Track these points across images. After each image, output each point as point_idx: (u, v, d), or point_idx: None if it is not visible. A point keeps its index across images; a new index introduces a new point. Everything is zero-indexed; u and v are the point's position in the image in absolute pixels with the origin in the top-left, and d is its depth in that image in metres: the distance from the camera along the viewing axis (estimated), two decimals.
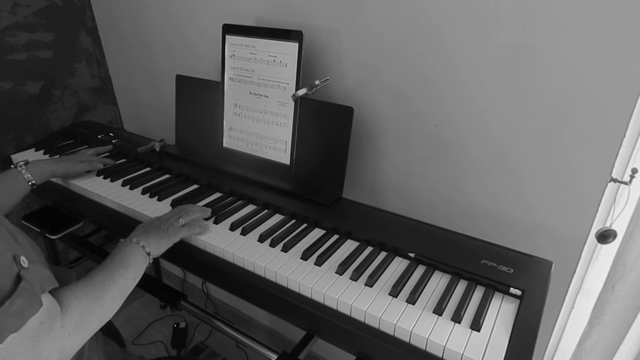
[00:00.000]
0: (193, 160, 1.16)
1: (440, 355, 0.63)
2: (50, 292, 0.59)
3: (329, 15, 0.98)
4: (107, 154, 1.21)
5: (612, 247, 0.86)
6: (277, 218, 0.94)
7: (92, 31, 1.53)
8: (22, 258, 0.54)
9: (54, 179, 1.12)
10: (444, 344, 0.63)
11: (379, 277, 0.76)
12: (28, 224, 1.12)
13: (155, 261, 1.85)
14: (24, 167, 0.96)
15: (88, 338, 0.64)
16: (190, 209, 0.89)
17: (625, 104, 0.72)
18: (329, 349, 1.52)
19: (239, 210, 0.96)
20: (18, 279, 0.52)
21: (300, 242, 0.86)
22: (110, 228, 0.98)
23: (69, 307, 0.61)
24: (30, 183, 0.95)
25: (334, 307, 0.72)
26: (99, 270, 0.70)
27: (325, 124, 0.98)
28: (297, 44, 0.97)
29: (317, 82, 0.97)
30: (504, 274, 0.75)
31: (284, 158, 1.06)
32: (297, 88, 0.99)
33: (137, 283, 0.74)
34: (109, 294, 0.67)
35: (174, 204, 0.98)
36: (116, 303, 0.69)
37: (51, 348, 0.56)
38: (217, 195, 1.03)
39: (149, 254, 0.77)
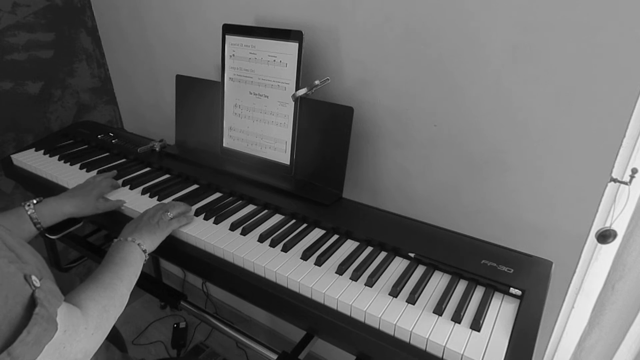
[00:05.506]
0: (193, 160, 1.16)
1: (440, 355, 0.63)
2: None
3: (329, 15, 0.98)
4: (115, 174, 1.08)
5: (612, 247, 0.86)
6: (277, 218, 0.94)
7: (92, 31, 1.53)
8: (33, 277, 0.52)
9: (54, 180, 1.12)
10: (444, 344, 0.63)
11: (379, 277, 0.76)
12: None
13: (155, 261, 1.87)
14: (32, 206, 0.84)
15: (106, 336, 0.65)
16: (174, 203, 0.91)
17: (625, 104, 0.72)
18: (329, 349, 1.52)
19: (239, 210, 0.96)
20: (32, 301, 0.51)
21: (300, 242, 0.86)
22: (110, 228, 0.98)
23: (88, 309, 0.62)
24: (37, 226, 0.84)
25: (334, 307, 0.72)
26: (103, 270, 0.71)
27: (325, 124, 0.98)
28: (297, 44, 0.97)
29: (317, 82, 0.97)
30: (504, 274, 0.75)
31: (284, 158, 1.06)
32: (297, 88, 0.99)
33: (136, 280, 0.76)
34: (118, 292, 0.69)
35: None
36: (124, 300, 0.71)
37: (77, 350, 0.57)
38: (217, 195, 1.03)
39: (144, 251, 0.79)
